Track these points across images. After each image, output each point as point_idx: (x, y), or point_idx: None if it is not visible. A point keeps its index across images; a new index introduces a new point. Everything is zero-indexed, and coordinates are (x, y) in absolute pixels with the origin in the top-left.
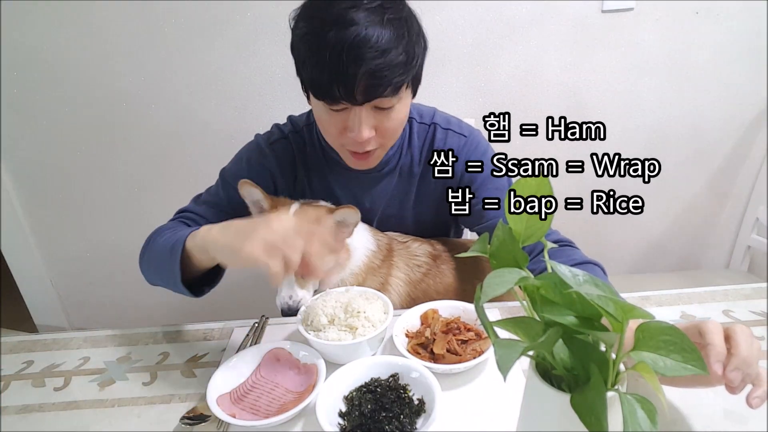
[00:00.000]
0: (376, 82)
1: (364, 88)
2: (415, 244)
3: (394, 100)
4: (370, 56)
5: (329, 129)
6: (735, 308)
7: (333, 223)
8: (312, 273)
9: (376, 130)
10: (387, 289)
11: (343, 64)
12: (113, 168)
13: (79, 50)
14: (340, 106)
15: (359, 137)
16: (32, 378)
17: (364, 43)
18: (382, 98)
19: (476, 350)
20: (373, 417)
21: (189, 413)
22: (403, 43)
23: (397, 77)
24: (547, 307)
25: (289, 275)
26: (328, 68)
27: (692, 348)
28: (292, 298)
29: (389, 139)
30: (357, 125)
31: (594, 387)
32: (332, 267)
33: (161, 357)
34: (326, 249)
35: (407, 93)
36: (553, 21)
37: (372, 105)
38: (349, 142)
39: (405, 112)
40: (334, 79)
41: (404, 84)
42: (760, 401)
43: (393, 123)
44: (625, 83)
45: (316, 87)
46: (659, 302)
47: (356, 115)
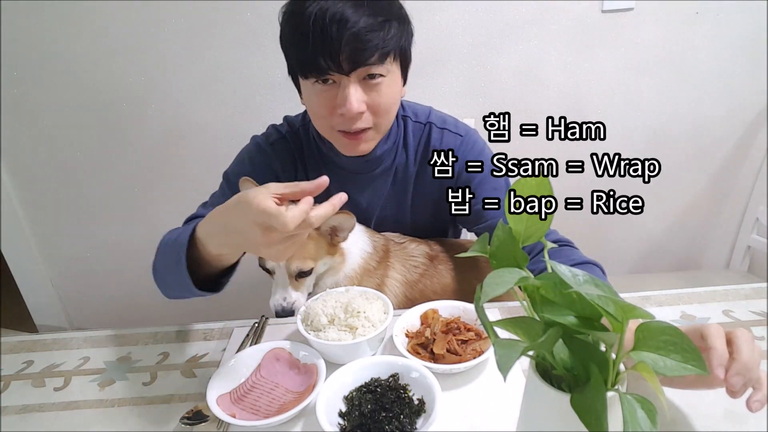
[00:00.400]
0: (361, 46)
1: (350, 53)
2: (412, 245)
3: (381, 69)
4: (353, 21)
5: (319, 110)
6: (735, 308)
7: (327, 228)
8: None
9: (368, 107)
10: (383, 290)
11: (327, 31)
12: (113, 168)
13: (79, 50)
14: (329, 79)
15: (350, 110)
16: (32, 378)
17: (345, 10)
18: (369, 65)
19: (476, 350)
20: (373, 417)
21: (189, 413)
22: (386, 11)
23: (381, 42)
24: (547, 307)
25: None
26: (312, 38)
27: (692, 348)
28: (286, 300)
29: (382, 118)
30: (346, 97)
31: (594, 387)
32: (326, 270)
33: (161, 357)
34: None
35: (395, 68)
36: (553, 21)
37: (359, 75)
38: (340, 123)
39: (396, 89)
40: (319, 48)
41: (390, 52)
42: (760, 405)
43: (384, 98)
44: (625, 83)
45: (303, 62)
46: (659, 302)
47: (345, 87)
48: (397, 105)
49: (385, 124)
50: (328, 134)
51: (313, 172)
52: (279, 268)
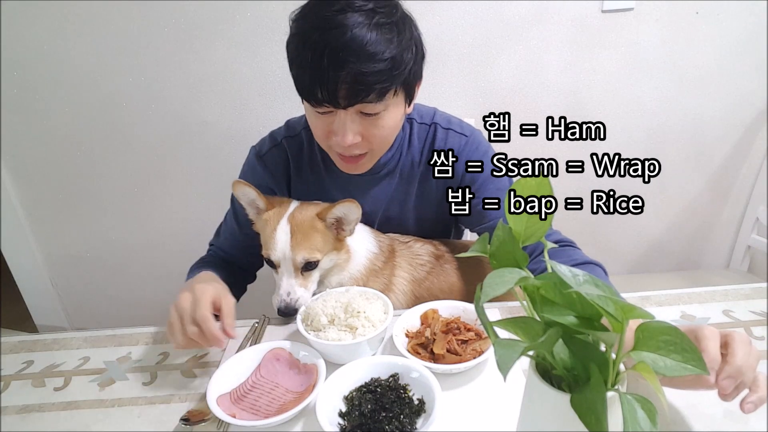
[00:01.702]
0: (359, 87)
1: (347, 92)
2: (418, 244)
3: (379, 107)
4: (353, 60)
5: (316, 131)
6: (735, 308)
7: (333, 220)
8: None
9: (363, 137)
10: (391, 290)
11: (324, 67)
12: (113, 168)
13: (78, 50)
14: (324, 109)
15: (343, 142)
16: (32, 378)
17: (346, 46)
18: (366, 104)
19: (476, 350)
20: (373, 417)
21: (189, 413)
22: (391, 48)
23: (380, 83)
24: (547, 307)
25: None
26: (310, 70)
27: (692, 348)
28: (290, 296)
29: (377, 147)
30: (341, 130)
31: (594, 387)
32: (331, 267)
33: (161, 357)
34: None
35: (397, 100)
36: (553, 21)
37: (357, 110)
38: (336, 145)
39: (395, 119)
40: (316, 81)
41: (390, 91)
42: (753, 407)
43: (381, 131)
44: (625, 83)
45: (300, 88)
46: (659, 302)
47: (341, 120)
48: (397, 130)
49: (382, 150)
50: (327, 151)
51: (313, 174)
52: (285, 260)
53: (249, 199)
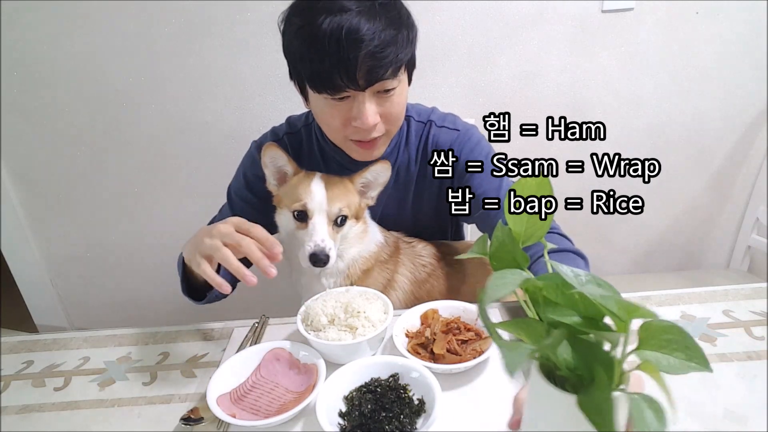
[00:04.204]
0: (377, 63)
1: (366, 71)
2: (420, 245)
3: (395, 82)
4: (369, 38)
5: (332, 123)
6: (735, 308)
7: (360, 185)
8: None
9: (381, 116)
10: (393, 287)
11: (344, 50)
12: (113, 168)
13: (79, 50)
14: (343, 95)
15: (366, 123)
16: (32, 378)
17: (360, 27)
18: (384, 80)
19: (476, 350)
20: (373, 417)
21: (189, 413)
22: (397, 24)
23: (395, 58)
24: (549, 308)
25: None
26: (328, 57)
27: (695, 346)
28: (324, 242)
29: (393, 125)
30: (362, 112)
31: (600, 387)
32: (351, 236)
33: (161, 357)
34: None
35: (404, 76)
36: (553, 21)
37: (374, 90)
38: (354, 133)
39: (405, 96)
40: (335, 66)
41: (402, 65)
42: None
43: (396, 107)
44: (625, 83)
45: (318, 79)
46: (659, 302)
47: (361, 102)
48: (405, 108)
49: (395, 129)
50: (341, 143)
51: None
52: (320, 210)
53: (278, 165)
